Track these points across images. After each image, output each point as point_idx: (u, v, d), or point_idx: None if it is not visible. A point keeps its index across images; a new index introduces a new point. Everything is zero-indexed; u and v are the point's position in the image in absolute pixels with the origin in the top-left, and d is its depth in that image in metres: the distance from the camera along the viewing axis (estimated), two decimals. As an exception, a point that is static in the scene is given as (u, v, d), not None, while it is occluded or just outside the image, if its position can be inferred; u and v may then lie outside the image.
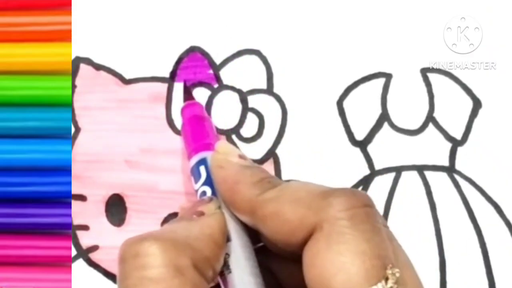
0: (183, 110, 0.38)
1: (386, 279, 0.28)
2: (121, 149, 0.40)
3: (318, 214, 0.29)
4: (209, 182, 0.34)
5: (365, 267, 0.28)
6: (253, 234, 0.33)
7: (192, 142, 0.36)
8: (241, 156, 0.34)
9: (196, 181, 0.35)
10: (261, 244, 0.33)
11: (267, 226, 0.31)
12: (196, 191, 0.35)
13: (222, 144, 0.35)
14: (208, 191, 0.34)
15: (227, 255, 0.31)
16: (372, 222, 0.29)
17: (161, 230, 0.33)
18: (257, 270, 0.32)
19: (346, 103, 0.40)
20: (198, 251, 0.30)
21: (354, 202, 0.29)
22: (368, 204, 0.29)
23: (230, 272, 0.31)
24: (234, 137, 0.40)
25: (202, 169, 0.35)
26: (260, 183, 0.32)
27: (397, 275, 0.28)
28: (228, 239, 0.32)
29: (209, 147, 0.36)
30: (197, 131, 0.37)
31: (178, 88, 0.40)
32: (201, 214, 0.32)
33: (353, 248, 0.28)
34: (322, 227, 0.29)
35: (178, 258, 0.29)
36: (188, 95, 0.39)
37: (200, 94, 0.40)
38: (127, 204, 0.39)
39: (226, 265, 0.31)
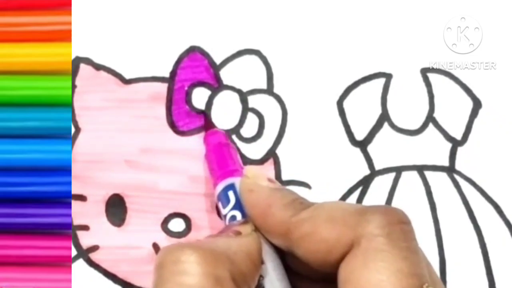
0: (206, 138, 0.39)
1: None
2: (121, 149, 0.40)
3: (355, 231, 0.29)
4: (238, 206, 0.35)
5: (401, 285, 0.28)
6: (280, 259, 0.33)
7: (218, 169, 0.37)
8: (270, 180, 0.34)
9: (225, 206, 0.35)
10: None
11: (302, 246, 0.31)
12: (225, 216, 0.35)
13: (250, 168, 0.35)
14: (238, 215, 0.34)
15: (261, 277, 0.32)
16: (409, 239, 0.29)
17: (201, 240, 0.33)
18: None
19: (346, 103, 0.40)
20: (237, 265, 0.30)
21: (391, 219, 0.29)
22: (405, 221, 0.29)
23: None
24: (234, 137, 0.40)
25: (230, 194, 0.35)
26: (292, 205, 0.32)
27: None
28: (262, 262, 0.32)
29: (235, 173, 0.36)
30: (223, 158, 0.37)
31: (179, 89, 0.40)
32: (238, 233, 0.32)
33: (390, 266, 0.28)
34: (359, 243, 0.29)
35: (217, 269, 0.29)
36: (209, 123, 0.39)
37: (200, 94, 0.40)
38: (127, 204, 0.39)
39: (260, 286, 0.32)
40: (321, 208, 0.31)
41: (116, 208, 0.39)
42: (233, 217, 0.34)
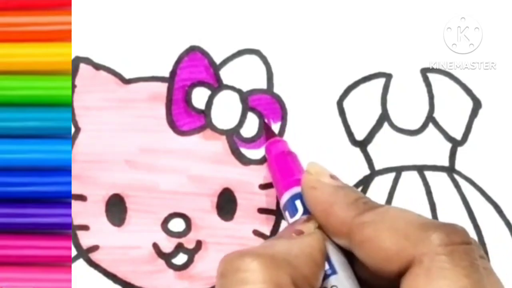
0: (268, 148, 0.38)
1: None
2: (121, 149, 0.40)
3: (417, 247, 0.29)
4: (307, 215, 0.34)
5: None
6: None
7: (282, 179, 0.36)
8: (333, 177, 0.34)
9: (292, 215, 0.35)
10: None
11: (362, 250, 0.31)
12: None
13: (313, 165, 0.35)
14: None
15: (327, 274, 0.31)
16: (471, 259, 0.29)
17: (261, 246, 0.33)
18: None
19: (346, 103, 0.40)
20: (298, 269, 0.30)
21: (454, 238, 0.29)
22: (467, 241, 0.30)
23: None
24: (234, 137, 0.40)
25: (298, 203, 0.35)
26: (355, 204, 0.32)
27: None
28: (327, 258, 0.32)
29: (299, 182, 0.35)
30: (286, 168, 0.37)
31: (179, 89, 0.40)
32: (300, 232, 0.32)
33: (453, 284, 0.28)
34: (421, 261, 0.29)
35: (278, 275, 0.29)
36: (270, 132, 0.39)
37: (200, 94, 0.40)
38: (127, 204, 0.39)
39: (326, 284, 0.31)
40: (385, 213, 0.31)
41: (116, 208, 0.39)
42: None
